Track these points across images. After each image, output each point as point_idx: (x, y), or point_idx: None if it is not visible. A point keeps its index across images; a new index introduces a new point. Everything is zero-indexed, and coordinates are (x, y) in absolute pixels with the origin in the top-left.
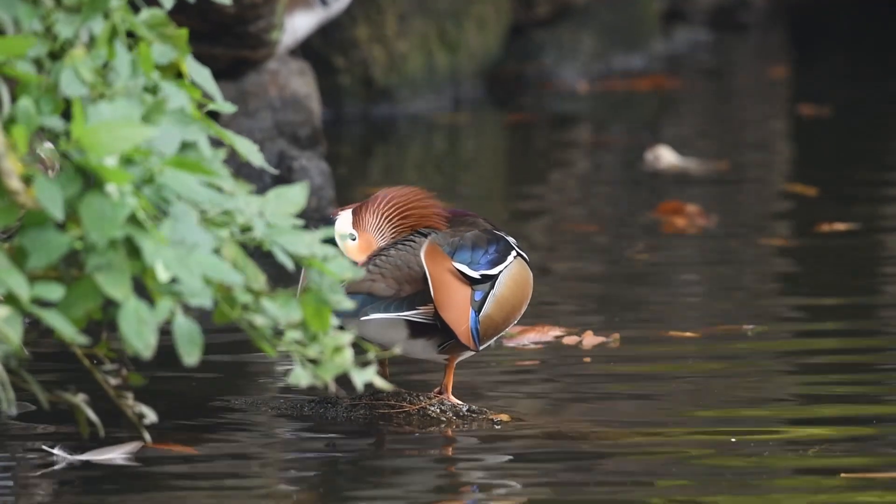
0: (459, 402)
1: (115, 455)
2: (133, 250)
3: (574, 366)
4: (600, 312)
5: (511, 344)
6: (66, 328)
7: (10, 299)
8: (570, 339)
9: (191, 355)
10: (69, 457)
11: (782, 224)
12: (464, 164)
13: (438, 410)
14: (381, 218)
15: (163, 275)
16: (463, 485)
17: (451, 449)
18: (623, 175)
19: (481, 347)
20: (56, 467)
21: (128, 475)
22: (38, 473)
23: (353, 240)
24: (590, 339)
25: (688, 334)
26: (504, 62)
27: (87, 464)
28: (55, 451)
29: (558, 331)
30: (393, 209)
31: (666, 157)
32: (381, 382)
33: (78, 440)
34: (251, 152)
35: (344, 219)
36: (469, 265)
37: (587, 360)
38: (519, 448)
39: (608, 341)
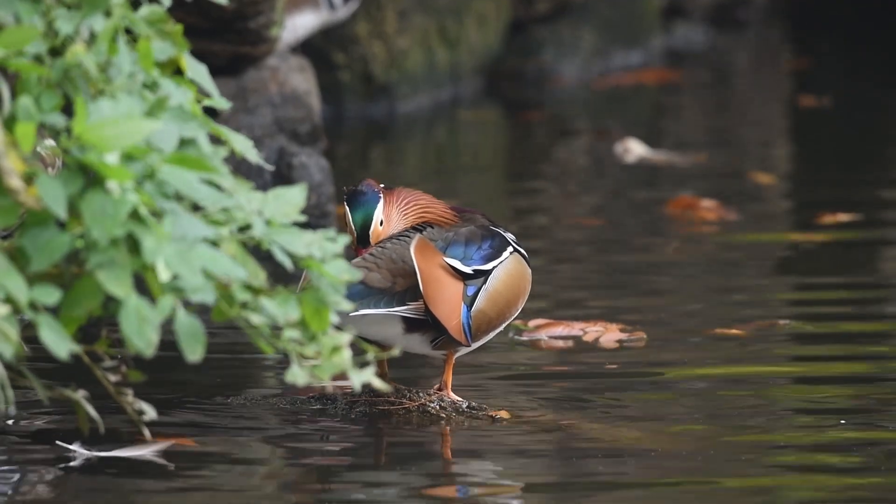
0: (459, 399)
1: (144, 452)
2: (134, 247)
3: (582, 363)
4: (630, 309)
5: (525, 338)
6: (57, 345)
7: (9, 299)
8: (589, 336)
9: (194, 352)
10: (87, 453)
11: (787, 217)
12: (466, 160)
13: (438, 407)
14: (400, 215)
15: (164, 274)
16: (461, 482)
17: (450, 446)
18: (626, 170)
19: (474, 344)
20: (70, 464)
21: (125, 472)
22: (47, 469)
23: (381, 225)
24: (609, 336)
25: (733, 331)
26: (504, 59)
27: (94, 460)
28: (73, 447)
29: (585, 326)
30: (411, 208)
31: (636, 149)
32: (378, 383)
33: (110, 437)
34: (247, 149)
35: (381, 202)
36: (462, 260)
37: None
38: (519, 445)
39: (629, 339)
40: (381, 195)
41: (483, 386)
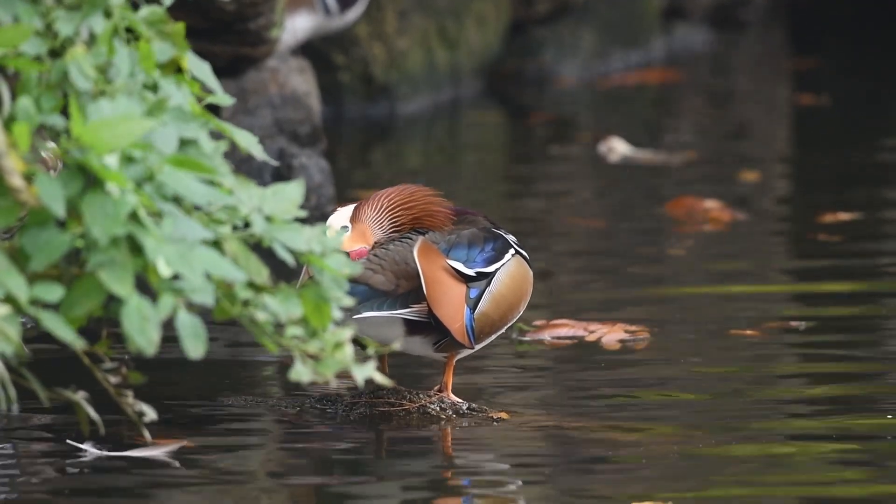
0: (459, 401)
1: (156, 453)
2: (135, 247)
3: (584, 363)
4: (633, 310)
5: (527, 338)
6: (64, 332)
7: (10, 298)
8: (592, 336)
9: (195, 350)
10: (98, 452)
11: (787, 217)
12: (467, 162)
13: (438, 408)
14: (380, 210)
15: (165, 270)
16: (462, 483)
17: (450, 448)
18: (622, 171)
19: (477, 346)
20: (80, 463)
21: (125, 472)
22: (56, 469)
23: (346, 231)
24: (612, 336)
25: (747, 332)
26: (504, 59)
27: (104, 460)
28: (83, 446)
29: (588, 326)
30: (394, 203)
31: (619, 148)
32: (380, 378)
33: (118, 437)
34: (251, 145)
35: (340, 213)
36: (465, 263)
37: (613, 345)
38: (518, 447)
39: (632, 339)
40: (338, 209)
41: (484, 387)
